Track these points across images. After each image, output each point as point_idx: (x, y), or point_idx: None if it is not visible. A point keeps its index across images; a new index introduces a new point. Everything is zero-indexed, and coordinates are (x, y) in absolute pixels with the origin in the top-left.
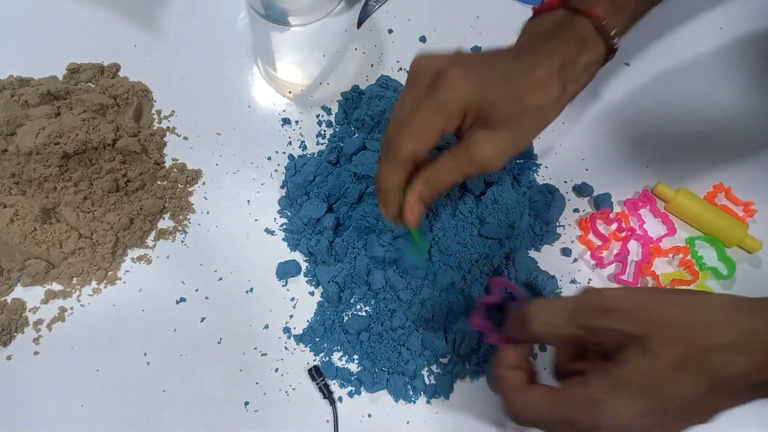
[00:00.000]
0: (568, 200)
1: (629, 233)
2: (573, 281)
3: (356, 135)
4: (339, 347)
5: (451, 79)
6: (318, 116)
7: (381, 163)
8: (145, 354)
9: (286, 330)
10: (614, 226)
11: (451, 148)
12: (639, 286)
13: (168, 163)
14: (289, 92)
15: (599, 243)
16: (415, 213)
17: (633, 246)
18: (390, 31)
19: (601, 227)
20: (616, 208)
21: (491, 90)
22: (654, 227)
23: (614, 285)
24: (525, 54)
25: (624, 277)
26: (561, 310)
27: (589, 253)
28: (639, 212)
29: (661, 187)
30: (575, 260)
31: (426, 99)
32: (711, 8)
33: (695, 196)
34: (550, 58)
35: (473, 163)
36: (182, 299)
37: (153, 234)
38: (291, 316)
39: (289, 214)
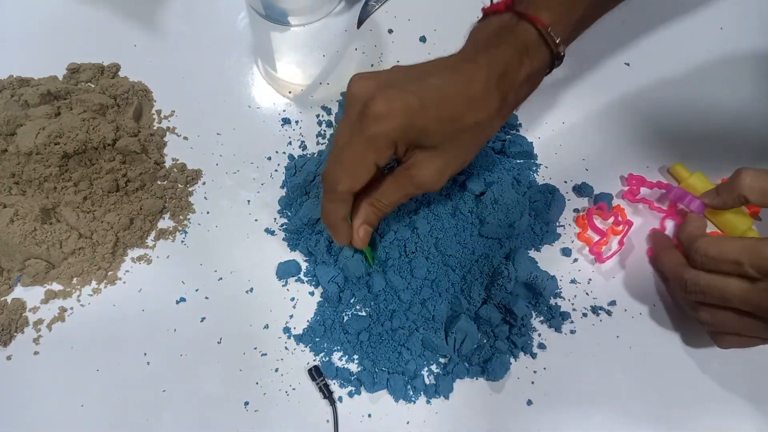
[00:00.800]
0: (568, 200)
1: (627, 227)
2: (573, 281)
3: None
4: (339, 347)
5: (376, 112)
6: (318, 116)
7: (323, 197)
8: (145, 354)
9: (286, 330)
10: (611, 220)
11: (393, 171)
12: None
13: (168, 163)
14: (289, 92)
15: (597, 238)
16: (363, 238)
17: (631, 240)
18: (390, 31)
19: (598, 222)
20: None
21: (421, 118)
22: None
23: (617, 279)
24: (463, 65)
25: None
26: None
27: (587, 248)
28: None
29: (678, 167)
30: (575, 260)
31: (357, 132)
32: (711, 8)
33: (708, 182)
34: (489, 69)
35: (414, 185)
36: (182, 299)
37: (153, 234)
38: (291, 316)
39: (289, 214)
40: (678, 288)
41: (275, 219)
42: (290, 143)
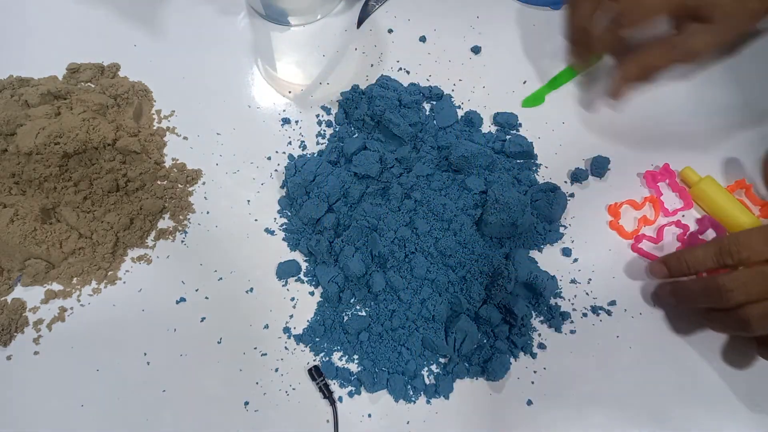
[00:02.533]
0: (570, 198)
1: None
2: (573, 281)
3: (356, 135)
4: (339, 347)
5: None
6: (318, 116)
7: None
8: (145, 354)
9: (286, 330)
10: (647, 209)
11: (661, 38)
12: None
13: (168, 163)
14: (289, 92)
15: (629, 229)
16: (623, 93)
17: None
18: (390, 31)
19: (630, 211)
20: (635, 181)
21: None
22: (671, 200)
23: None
24: None
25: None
26: None
27: (617, 235)
28: (657, 185)
29: (688, 171)
30: (575, 260)
31: None
32: None
33: (719, 186)
34: None
35: (684, 50)
36: (182, 299)
37: (153, 234)
38: (291, 316)
39: (289, 214)
40: (714, 298)
41: (275, 219)
42: (290, 143)
